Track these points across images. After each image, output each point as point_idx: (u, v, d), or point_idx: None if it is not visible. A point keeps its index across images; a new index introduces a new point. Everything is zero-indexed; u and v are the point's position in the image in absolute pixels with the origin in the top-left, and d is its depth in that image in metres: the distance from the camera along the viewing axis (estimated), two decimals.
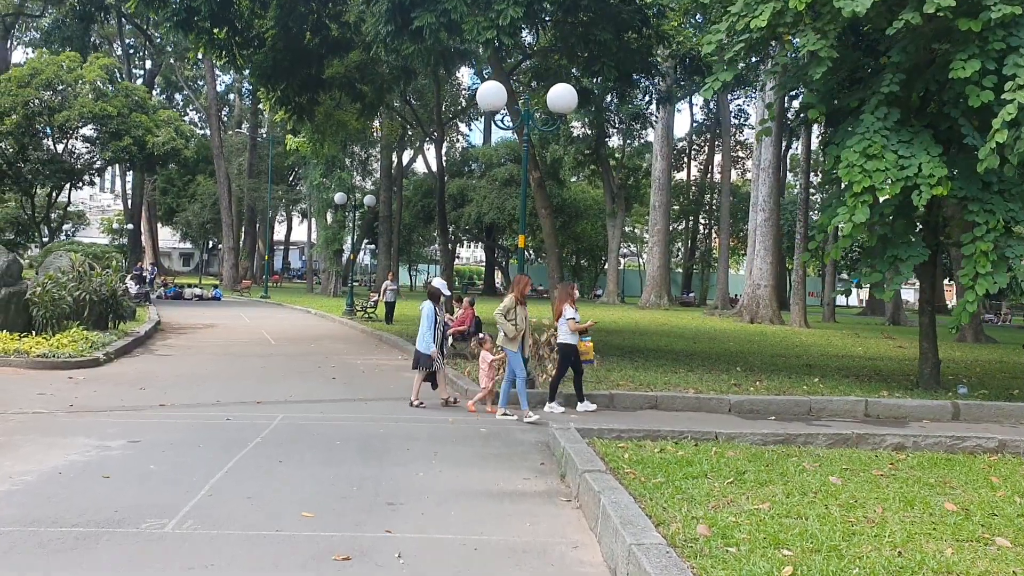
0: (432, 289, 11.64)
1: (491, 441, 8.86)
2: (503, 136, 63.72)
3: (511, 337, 10.42)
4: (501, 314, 10.45)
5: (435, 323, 11.07)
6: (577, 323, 11.30)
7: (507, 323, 10.40)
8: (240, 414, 9.84)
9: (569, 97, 11.71)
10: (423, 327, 10.99)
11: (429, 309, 11.10)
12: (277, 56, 18.71)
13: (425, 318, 11.02)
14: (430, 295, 11.44)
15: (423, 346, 10.96)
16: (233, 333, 21.49)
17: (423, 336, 10.97)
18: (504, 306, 10.54)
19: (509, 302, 10.58)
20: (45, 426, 8.70)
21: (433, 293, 11.47)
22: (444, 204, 24.72)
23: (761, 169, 37.37)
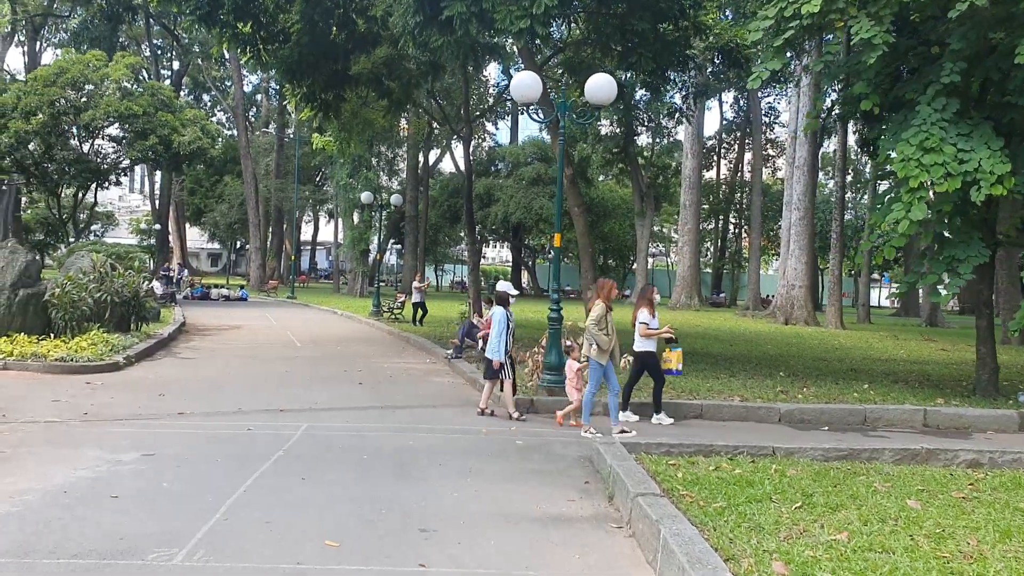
0: (500, 293, 10.92)
1: (529, 455, 8.23)
2: (530, 135, 63.10)
3: (604, 349, 9.50)
4: (594, 323, 9.50)
5: (507, 329, 10.45)
6: (649, 328, 10.53)
7: (600, 334, 9.46)
8: (262, 423, 9.30)
9: (608, 87, 11.06)
10: (493, 332, 10.41)
11: (500, 315, 10.50)
12: (302, 51, 18.18)
13: (496, 324, 10.42)
14: (499, 300, 10.79)
15: (491, 352, 10.40)
16: (258, 335, 21.05)
17: (492, 342, 10.40)
18: (596, 315, 9.58)
19: (600, 310, 9.60)
20: (55, 437, 8.20)
21: (502, 297, 10.80)
22: (472, 202, 24.10)
23: (796, 167, 36.54)
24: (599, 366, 9.51)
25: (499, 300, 10.76)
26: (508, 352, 10.45)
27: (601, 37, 17.15)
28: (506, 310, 10.58)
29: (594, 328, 9.47)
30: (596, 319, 9.53)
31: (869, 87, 12.49)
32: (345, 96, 21.04)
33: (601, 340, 9.44)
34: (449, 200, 55.37)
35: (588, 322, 9.57)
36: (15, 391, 10.79)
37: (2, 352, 12.78)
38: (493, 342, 10.38)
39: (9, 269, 14.11)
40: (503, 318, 10.46)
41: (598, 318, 9.53)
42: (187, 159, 36.42)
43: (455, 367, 14.84)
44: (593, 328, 9.48)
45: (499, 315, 10.49)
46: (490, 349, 10.43)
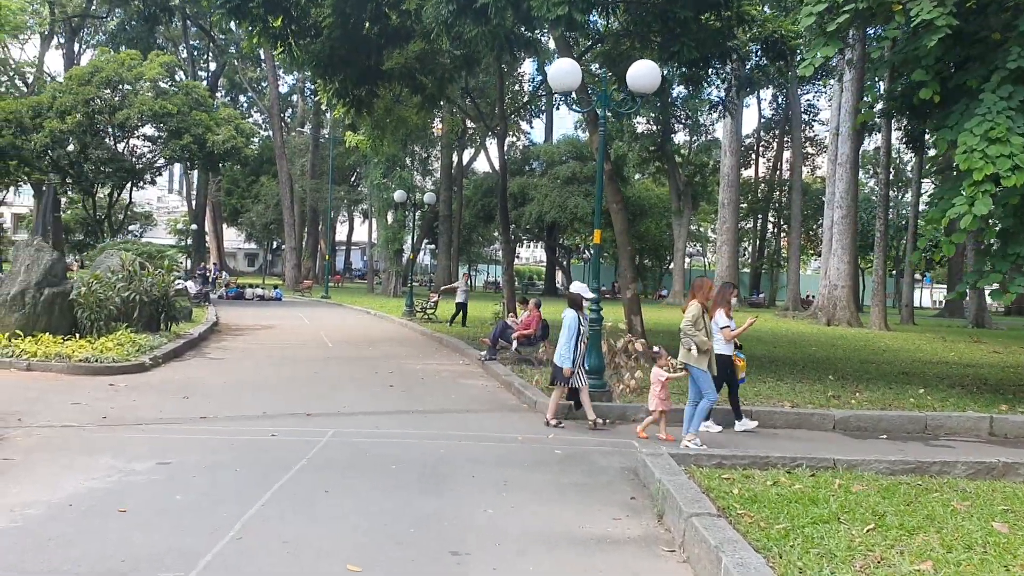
0: (573, 295, 10.09)
1: (569, 466, 7.67)
2: (565, 133, 62.51)
3: (704, 351, 8.78)
4: (690, 324, 8.75)
5: (578, 334, 9.72)
6: (732, 331, 9.78)
7: (699, 335, 8.74)
8: (287, 429, 8.84)
9: (651, 74, 10.46)
10: (563, 337, 9.69)
11: (572, 318, 9.75)
12: (334, 45, 17.76)
13: (567, 328, 9.69)
14: (572, 302, 10.00)
15: (561, 359, 9.69)
16: (290, 335, 20.72)
17: (562, 348, 9.69)
18: (691, 315, 8.83)
19: (696, 310, 8.87)
20: (70, 443, 7.80)
21: (575, 299, 9.99)
22: (506, 200, 23.57)
23: (838, 164, 35.65)
24: (703, 372, 8.78)
25: (572, 303, 9.98)
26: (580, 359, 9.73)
27: (640, 26, 16.52)
28: (579, 313, 9.84)
29: (691, 330, 8.72)
30: (692, 320, 8.78)
31: (928, 74, 11.76)
32: (378, 92, 20.62)
33: (699, 341, 8.73)
34: (483, 200, 54.97)
35: (684, 324, 8.81)
36: (35, 393, 10.45)
37: (26, 352, 12.48)
38: (563, 348, 9.65)
39: (34, 267, 13.82)
40: (575, 322, 9.71)
41: (694, 319, 8.80)
42: (221, 158, 36.33)
43: (489, 369, 14.33)
44: (690, 330, 8.72)
45: (570, 319, 9.73)
46: (559, 355, 9.73)
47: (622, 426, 9.94)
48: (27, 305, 13.63)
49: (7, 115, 32.27)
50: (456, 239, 52.84)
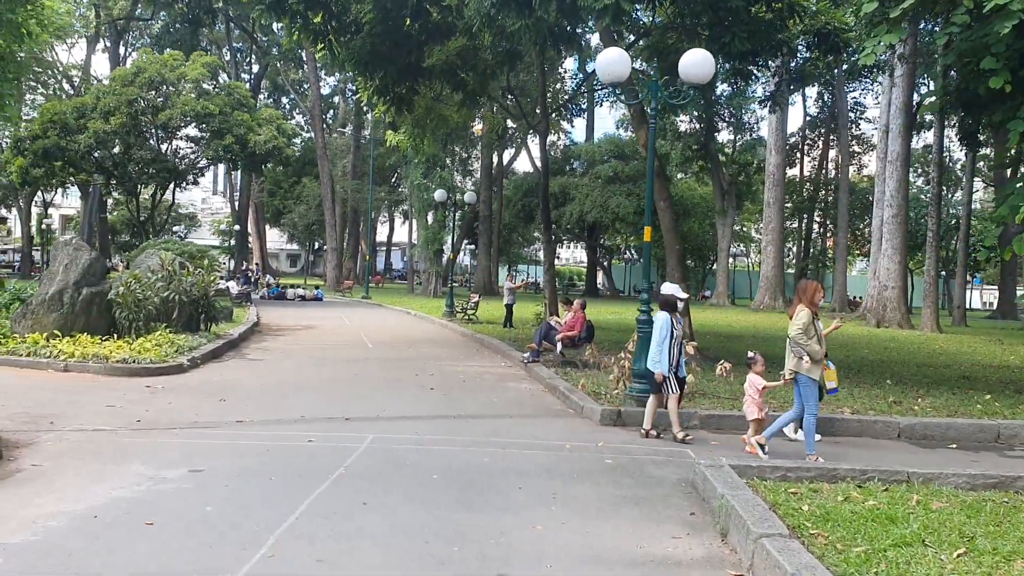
0: (666, 296, 9.37)
1: (621, 477, 7.21)
2: (606, 132, 61.88)
3: (816, 360, 8.13)
4: (801, 331, 8.10)
5: (670, 337, 9.09)
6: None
7: (811, 344, 8.08)
8: (325, 434, 8.49)
9: (706, 63, 9.96)
10: (654, 341, 9.08)
11: (664, 320, 9.11)
12: (374, 42, 17.47)
13: (658, 331, 9.07)
14: (663, 303, 9.31)
15: (652, 363, 9.08)
16: (330, 335, 20.50)
17: (653, 352, 9.08)
18: (801, 322, 8.16)
19: (806, 317, 8.19)
20: (101, 448, 7.52)
21: (668, 301, 9.30)
22: (548, 199, 23.14)
23: (888, 162, 34.72)
24: (812, 382, 8.14)
25: (664, 304, 9.28)
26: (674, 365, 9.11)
27: (689, 18, 15.98)
28: (671, 316, 9.19)
29: (802, 338, 8.07)
30: (803, 327, 8.12)
31: (999, 62, 11.09)
32: (418, 90, 20.31)
33: (812, 350, 8.08)
34: (523, 200, 54.59)
35: (793, 331, 8.16)
36: (71, 395, 10.24)
37: (63, 353, 12.32)
38: (654, 352, 9.04)
39: (73, 267, 13.69)
40: (666, 325, 9.07)
41: (804, 326, 8.15)
42: (263, 159, 36.33)
43: (532, 371, 13.90)
44: (801, 338, 8.08)
45: (662, 321, 9.11)
46: (650, 359, 9.12)
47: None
48: (65, 305, 13.49)
49: (52, 116, 32.56)
50: (496, 239, 52.53)
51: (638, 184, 49.90)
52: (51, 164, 32.97)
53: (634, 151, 53.86)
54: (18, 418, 8.61)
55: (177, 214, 73.32)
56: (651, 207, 10.63)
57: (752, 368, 8.90)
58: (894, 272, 33.74)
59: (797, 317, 8.25)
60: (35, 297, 13.70)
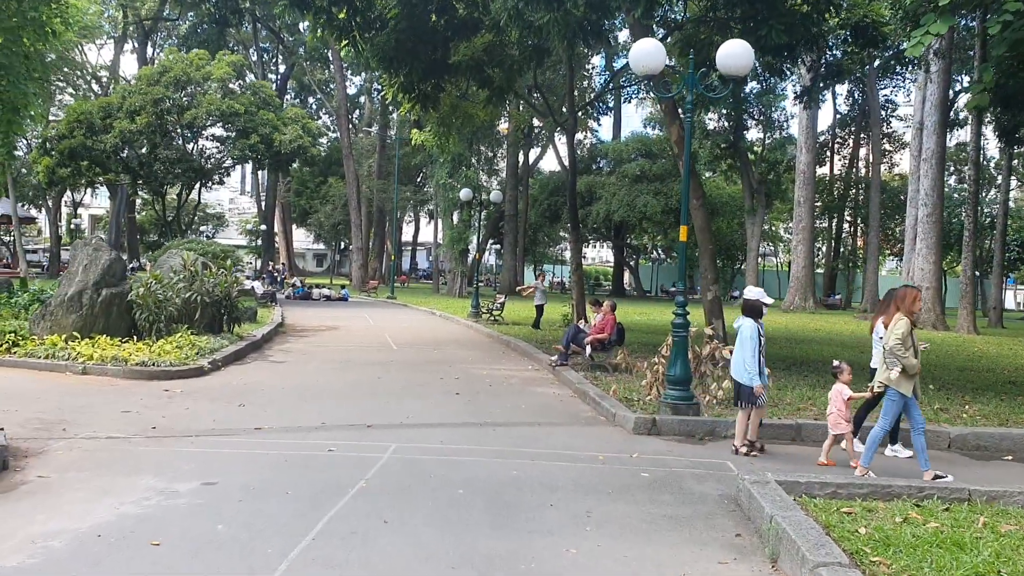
0: (752, 302, 8.76)
1: (659, 493, 6.76)
2: (633, 131, 61.28)
3: (912, 375, 7.59)
4: (899, 342, 7.49)
5: (760, 347, 8.50)
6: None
7: (909, 356, 7.52)
8: (346, 443, 8.13)
9: (744, 54, 9.49)
10: (745, 352, 8.44)
11: (752, 329, 8.49)
12: (399, 38, 17.11)
13: (748, 340, 8.44)
14: (749, 309, 8.71)
15: (746, 376, 8.40)
16: (355, 336, 20.20)
17: (745, 363, 8.41)
18: (900, 332, 7.54)
19: (904, 327, 7.58)
20: (112, 457, 7.20)
21: (754, 307, 8.71)
22: (575, 197, 22.70)
23: (923, 160, 33.99)
24: (901, 396, 7.60)
25: (749, 310, 8.69)
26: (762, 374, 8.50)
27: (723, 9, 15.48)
28: (757, 323, 8.61)
29: (900, 349, 7.49)
30: (901, 337, 7.52)
31: None
32: (444, 87, 19.95)
33: (910, 364, 7.52)
34: (549, 199, 54.14)
35: (892, 342, 7.57)
36: (86, 399, 9.96)
37: (82, 355, 12.05)
38: (748, 362, 8.38)
39: (92, 267, 13.43)
40: (755, 333, 8.45)
41: (903, 336, 7.56)
42: (288, 158, 36.17)
43: (560, 376, 13.47)
44: (899, 349, 7.49)
45: (751, 329, 8.48)
46: (741, 371, 8.45)
47: (712, 443, 8.99)
48: (84, 306, 13.23)
49: (78, 116, 32.58)
50: (522, 239, 52.13)
51: (666, 183, 49.30)
52: (77, 164, 32.98)
53: (662, 150, 53.20)
54: (30, 424, 8.33)
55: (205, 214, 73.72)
56: (687, 205, 10.16)
57: (839, 378, 8.27)
58: (928, 272, 33.00)
59: (895, 327, 7.65)
60: (54, 298, 13.46)
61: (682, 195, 10.04)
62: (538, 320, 22.67)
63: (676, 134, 15.61)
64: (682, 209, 10.13)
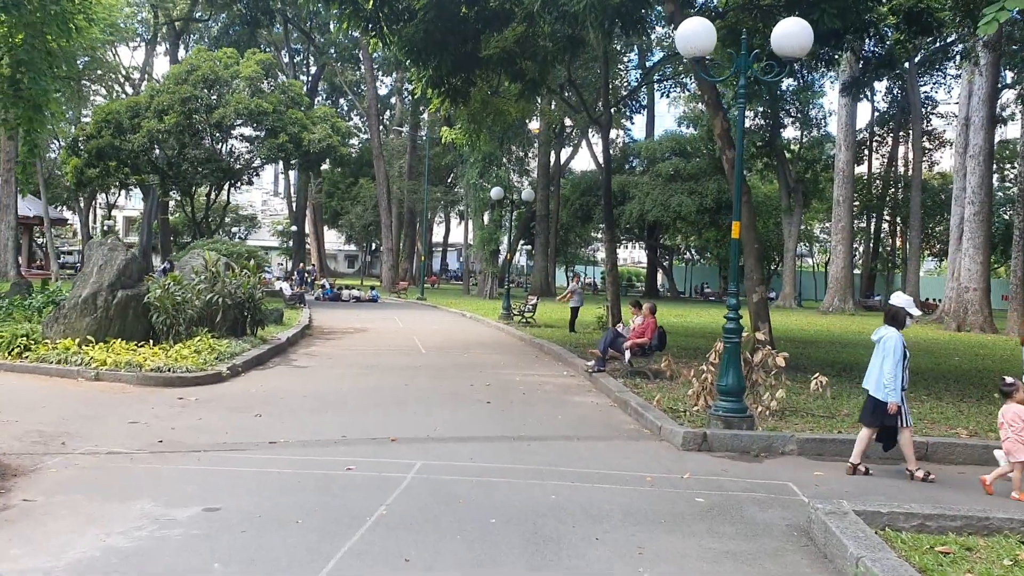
0: (897, 310, 7.78)
1: (718, 523, 5.95)
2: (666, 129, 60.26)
3: None
4: None
5: (904, 360, 7.61)
6: None
7: None
8: (367, 460, 7.41)
9: (803, 34, 8.66)
10: (887, 364, 7.48)
11: (896, 340, 7.56)
12: (428, 28, 16.42)
13: (892, 352, 7.49)
14: (892, 318, 7.76)
15: (883, 391, 7.50)
16: (383, 339, 19.56)
17: (886, 377, 7.48)
18: None
19: None
20: (109, 477, 6.54)
21: (899, 315, 7.74)
22: (610, 195, 21.90)
23: (969, 157, 32.78)
24: None
25: (892, 318, 7.77)
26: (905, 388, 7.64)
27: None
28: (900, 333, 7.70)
29: None
30: None
31: None
32: (475, 80, 19.23)
33: None
34: (581, 199, 53.35)
35: None
36: (95, 408, 9.35)
37: (95, 361, 11.47)
38: (888, 376, 7.47)
39: (107, 268, 12.84)
40: (900, 344, 7.55)
41: None
42: (318, 158, 35.68)
43: (597, 383, 12.68)
44: None
45: (895, 340, 7.55)
46: (877, 384, 7.58)
47: (769, 460, 8.16)
48: (99, 309, 12.64)
49: (106, 116, 32.32)
50: (553, 239, 51.35)
51: (700, 182, 48.33)
52: (106, 164, 32.73)
53: (696, 148, 52.19)
54: (28, 437, 7.71)
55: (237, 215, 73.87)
56: (739, 199, 9.32)
57: (1012, 397, 7.21)
58: (976, 273, 31.83)
59: None
60: (68, 300, 12.88)
61: (735, 190, 9.21)
62: (573, 322, 21.90)
63: (720, 127, 14.78)
64: (734, 204, 9.30)
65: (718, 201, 47.84)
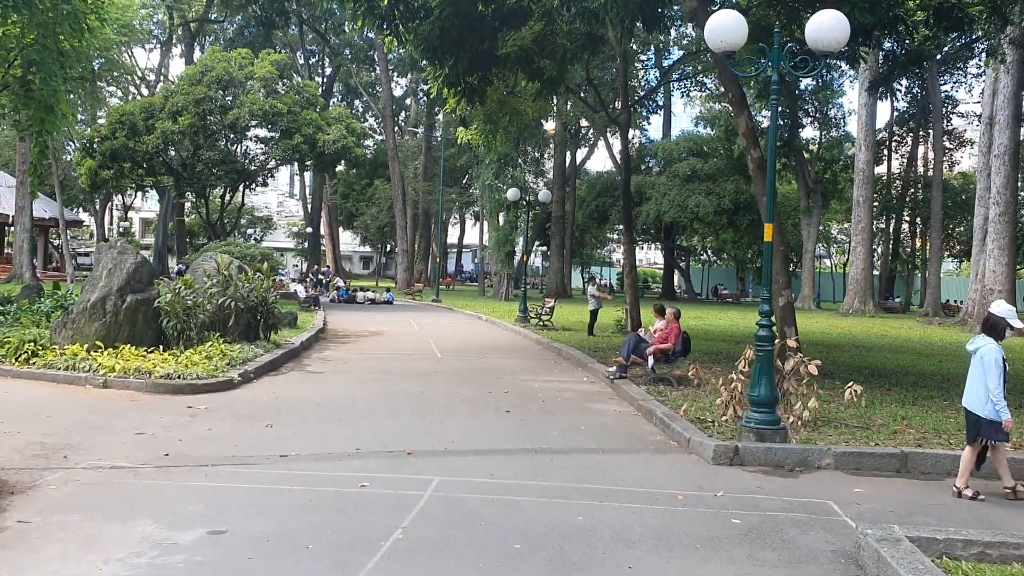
0: (997, 320, 7.19)
1: (758, 548, 5.54)
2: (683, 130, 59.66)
3: None
4: None
5: (1004, 373, 7.07)
6: None
7: None
8: (381, 475, 7.05)
9: (839, 27, 8.24)
10: (989, 378, 6.93)
11: (996, 352, 7.01)
12: (444, 26, 16.06)
13: (992, 365, 6.94)
14: (991, 328, 7.22)
15: (988, 407, 6.95)
16: (398, 342, 19.22)
17: (990, 392, 6.93)
18: None
19: None
20: (110, 496, 6.20)
21: (997, 325, 7.17)
22: (629, 196, 21.50)
23: (994, 156, 32.16)
24: None
25: (991, 328, 7.22)
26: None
27: None
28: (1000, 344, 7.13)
29: None
30: None
31: None
32: (491, 79, 18.85)
33: None
34: (596, 199, 52.90)
35: None
36: (101, 417, 9.03)
37: (103, 367, 11.16)
38: (993, 391, 6.91)
39: (117, 271, 12.53)
40: (1000, 357, 6.99)
41: None
42: (333, 159, 35.38)
43: (620, 390, 12.28)
44: None
45: (995, 352, 7.00)
46: (979, 401, 7.04)
47: (804, 475, 7.74)
48: (108, 313, 12.33)
49: (120, 117, 32.13)
50: (569, 241, 50.91)
51: (718, 183, 47.84)
52: (120, 165, 32.53)
53: (713, 149, 51.63)
54: (29, 450, 7.40)
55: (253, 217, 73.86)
56: (772, 200, 8.88)
57: None
58: (1000, 274, 31.21)
59: None
60: (76, 305, 12.57)
61: (767, 189, 8.76)
62: (592, 326, 21.47)
63: (744, 126, 14.36)
64: (768, 205, 8.86)
65: (736, 202, 47.29)
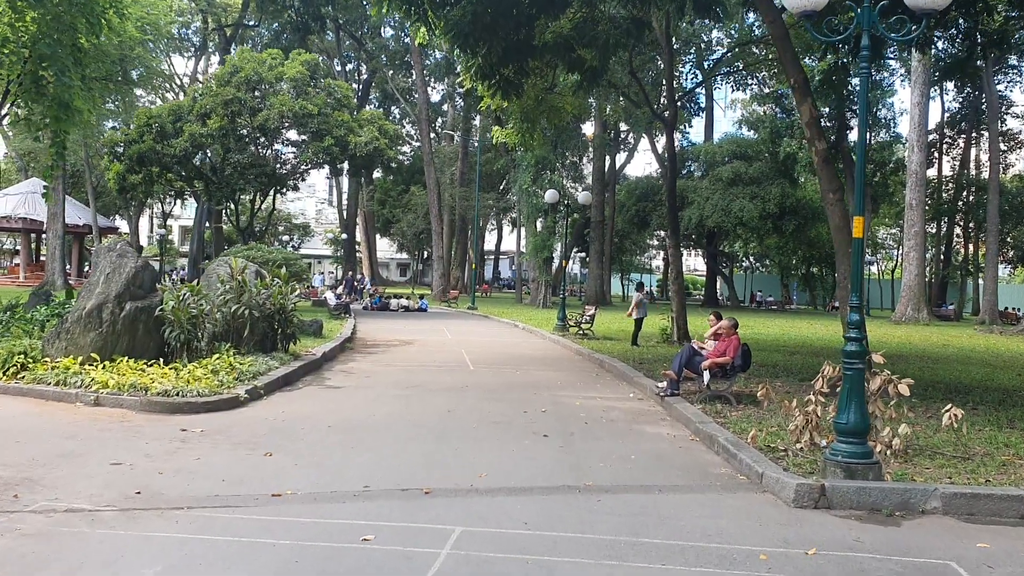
0: None
1: None
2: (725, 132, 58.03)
3: None
4: None
5: None
6: None
7: None
8: (390, 523, 5.77)
9: None
10: None
11: None
12: (476, 11, 14.87)
13: None
14: None
15: None
16: (429, 353, 18.03)
17: None
18: None
19: None
20: (49, 551, 4.98)
21: None
22: (675, 197, 20.12)
23: None
24: None
25: None
26: None
27: None
28: None
29: None
30: None
31: None
32: (528, 71, 17.60)
33: None
34: (637, 204, 51.43)
35: None
36: (77, 443, 7.87)
37: (96, 382, 10.02)
38: None
39: (115, 277, 11.40)
40: None
41: None
42: (365, 161, 34.35)
43: (672, 409, 10.91)
44: None
45: None
46: None
47: (907, 523, 6.31)
48: (105, 323, 11.21)
49: (148, 120, 31.41)
50: (608, 247, 49.48)
51: (762, 186, 46.25)
52: (148, 170, 31.82)
53: (758, 152, 49.94)
54: None
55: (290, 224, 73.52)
56: (861, 190, 7.45)
57: None
58: None
59: None
60: (71, 313, 11.47)
61: (856, 180, 7.31)
62: (636, 335, 20.07)
63: (808, 115, 12.96)
64: (856, 196, 7.44)
65: (781, 206, 45.62)
